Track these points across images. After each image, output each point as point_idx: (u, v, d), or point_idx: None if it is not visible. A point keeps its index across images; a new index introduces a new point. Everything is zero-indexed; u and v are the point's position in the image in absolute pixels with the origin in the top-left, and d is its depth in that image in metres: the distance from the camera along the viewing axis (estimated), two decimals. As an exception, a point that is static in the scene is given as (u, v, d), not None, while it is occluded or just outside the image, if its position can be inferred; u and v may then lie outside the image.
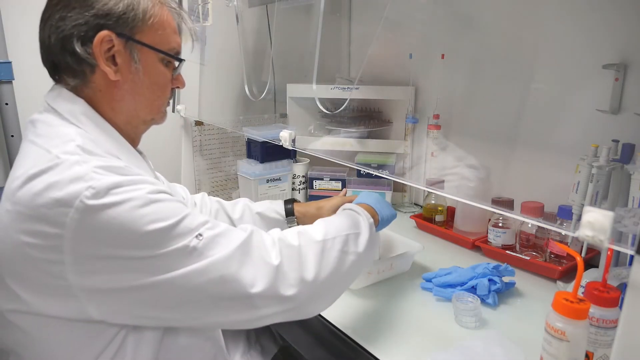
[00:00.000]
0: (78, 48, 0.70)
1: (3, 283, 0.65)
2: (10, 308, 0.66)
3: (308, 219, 1.02)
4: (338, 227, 0.79)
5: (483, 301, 0.94)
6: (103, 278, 0.61)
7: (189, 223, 0.65)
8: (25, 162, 0.66)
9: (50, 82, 0.77)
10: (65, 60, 0.71)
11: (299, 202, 1.10)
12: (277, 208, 1.06)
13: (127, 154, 0.75)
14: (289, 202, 1.08)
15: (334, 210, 1.00)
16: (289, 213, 1.05)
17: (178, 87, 0.84)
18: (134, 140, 0.81)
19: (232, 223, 1.01)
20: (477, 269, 0.99)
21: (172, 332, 0.73)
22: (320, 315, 0.93)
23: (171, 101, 0.88)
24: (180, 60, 0.81)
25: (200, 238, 0.64)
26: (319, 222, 0.80)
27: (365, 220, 0.85)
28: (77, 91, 0.74)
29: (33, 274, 0.62)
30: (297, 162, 1.57)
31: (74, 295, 0.62)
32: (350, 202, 0.95)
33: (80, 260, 0.60)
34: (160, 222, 0.62)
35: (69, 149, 0.65)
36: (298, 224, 1.04)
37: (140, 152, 0.85)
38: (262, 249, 0.69)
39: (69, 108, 0.71)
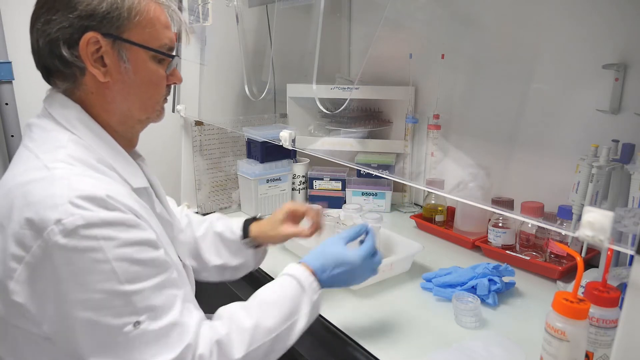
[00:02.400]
0: (65, 52, 0.68)
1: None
2: (2, 314, 0.65)
3: (263, 239, 0.98)
4: (270, 325, 0.74)
5: (483, 301, 0.94)
6: (46, 307, 0.61)
7: (139, 301, 0.62)
8: (16, 167, 0.67)
9: (50, 82, 0.76)
10: (54, 64, 0.70)
11: (261, 219, 1.02)
12: (234, 228, 1.01)
13: (121, 161, 0.73)
14: (250, 221, 1.02)
15: (284, 236, 0.97)
16: (246, 234, 1.00)
17: (175, 83, 0.81)
18: (130, 141, 0.80)
19: (196, 241, 0.99)
20: (477, 269, 0.99)
21: None
22: (320, 315, 0.93)
23: (170, 99, 0.85)
24: (172, 57, 0.77)
25: (137, 326, 0.62)
26: (251, 318, 0.73)
27: (307, 303, 0.78)
28: (69, 94, 0.73)
29: (6, 284, 0.62)
30: (297, 162, 1.57)
31: (30, 312, 0.62)
32: (301, 214, 0.95)
33: (31, 288, 0.61)
34: (113, 283, 0.60)
35: (58, 156, 0.65)
36: (256, 245, 1.00)
37: (139, 155, 0.84)
38: None
39: (63, 113, 0.71)
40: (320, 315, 0.92)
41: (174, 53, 0.78)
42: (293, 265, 0.82)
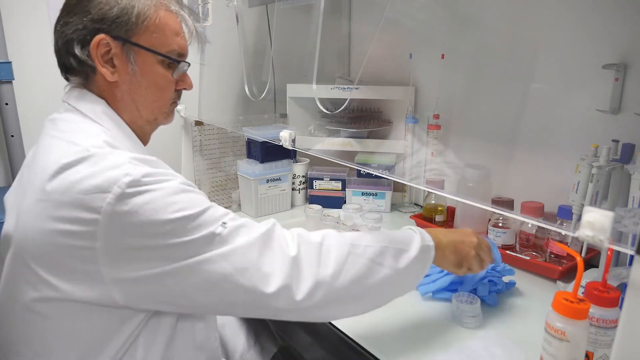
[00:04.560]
0: (78, 51, 0.75)
1: (30, 270, 0.65)
2: (37, 296, 0.65)
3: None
4: (378, 237, 0.74)
5: (483, 301, 0.94)
6: (132, 266, 0.63)
7: (214, 212, 0.67)
8: (52, 154, 0.67)
9: (50, 82, 0.79)
10: (70, 62, 0.77)
11: None
12: None
13: (144, 154, 0.76)
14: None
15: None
16: None
17: (185, 89, 0.87)
18: (142, 140, 0.84)
19: None
20: (477, 269, 0.99)
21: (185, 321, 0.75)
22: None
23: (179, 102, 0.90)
24: (178, 62, 0.82)
25: (225, 226, 0.67)
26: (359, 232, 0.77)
27: (418, 242, 0.76)
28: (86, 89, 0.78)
29: (64, 260, 0.63)
30: (297, 162, 1.57)
31: (102, 281, 0.63)
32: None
33: (111, 247, 0.62)
34: (189, 210, 0.64)
35: (97, 142, 0.68)
36: None
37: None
38: (282, 240, 0.70)
39: (91, 107, 0.75)
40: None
41: (184, 60, 0.83)
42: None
